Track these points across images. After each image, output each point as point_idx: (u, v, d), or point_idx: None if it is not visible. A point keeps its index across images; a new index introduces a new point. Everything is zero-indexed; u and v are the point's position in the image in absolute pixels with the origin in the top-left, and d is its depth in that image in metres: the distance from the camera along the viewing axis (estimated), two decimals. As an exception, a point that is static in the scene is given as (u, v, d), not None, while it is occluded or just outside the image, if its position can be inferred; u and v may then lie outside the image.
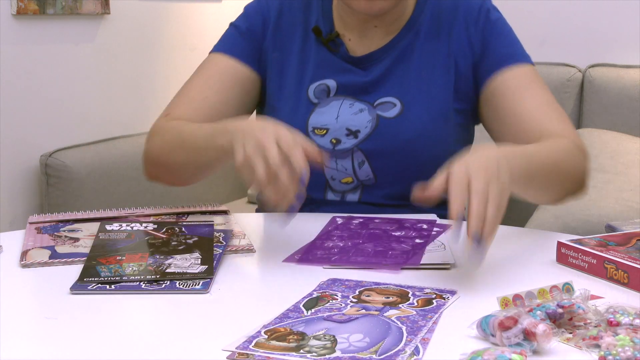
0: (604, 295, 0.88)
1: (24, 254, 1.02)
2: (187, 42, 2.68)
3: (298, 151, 0.96)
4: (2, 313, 0.84)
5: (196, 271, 0.93)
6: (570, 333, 0.77)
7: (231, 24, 1.36)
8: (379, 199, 1.26)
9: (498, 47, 1.27)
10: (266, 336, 0.76)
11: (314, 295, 0.87)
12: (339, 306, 0.84)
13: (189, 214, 1.21)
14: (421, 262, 0.99)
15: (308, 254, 1.03)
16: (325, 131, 1.25)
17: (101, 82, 2.39)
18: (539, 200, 1.31)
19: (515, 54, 1.28)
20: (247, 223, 1.19)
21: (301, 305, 0.84)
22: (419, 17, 1.29)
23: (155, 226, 1.11)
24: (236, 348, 0.73)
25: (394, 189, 1.26)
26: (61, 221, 1.17)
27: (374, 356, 0.71)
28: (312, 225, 1.15)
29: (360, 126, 1.25)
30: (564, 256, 1.00)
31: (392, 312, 0.82)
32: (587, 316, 0.79)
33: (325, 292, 0.89)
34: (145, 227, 1.10)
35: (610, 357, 0.70)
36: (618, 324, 0.76)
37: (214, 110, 1.27)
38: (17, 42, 2.13)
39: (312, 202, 1.24)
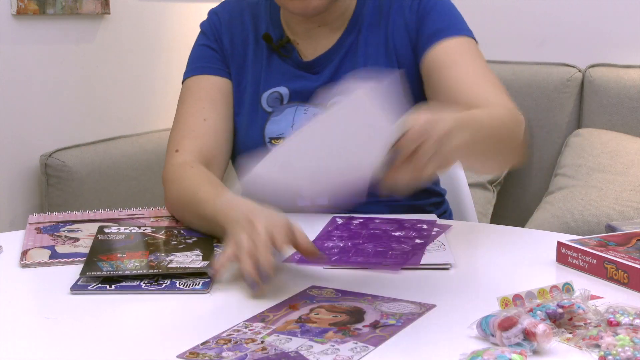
0: (604, 295, 0.87)
1: (23, 253, 1.02)
2: (186, 42, 2.68)
3: (265, 255, 0.89)
4: (2, 313, 0.84)
5: (198, 266, 0.93)
6: (570, 333, 0.77)
7: (196, 45, 1.36)
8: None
9: (432, 22, 1.25)
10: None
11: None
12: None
13: (188, 214, 1.22)
14: (421, 262, 0.98)
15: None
16: (282, 140, 1.24)
17: (101, 82, 2.39)
18: (479, 170, 1.28)
19: (449, 27, 1.25)
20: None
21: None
22: (361, 12, 1.28)
23: (154, 229, 1.11)
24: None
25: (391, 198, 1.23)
26: (61, 221, 1.17)
27: None
28: (311, 226, 1.15)
29: None
30: (564, 256, 1.00)
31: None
32: (587, 316, 0.79)
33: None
34: (144, 230, 1.10)
35: (610, 357, 0.70)
36: (618, 324, 0.76)
37: (218, 130, 1.27)
38: (17, 42, 2.13)
39: (284, 210, 1.20)
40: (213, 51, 1.32)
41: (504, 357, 0.68)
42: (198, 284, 0.91)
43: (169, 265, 0.94)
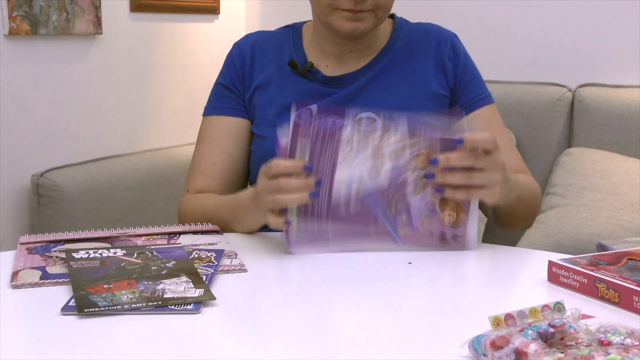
0: (595, 315, 0.88)
1: (14, 274, 1.01)
2: (179, 62, 2.69)
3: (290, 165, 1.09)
4: (-8, 334, 0.83)
5: (195, 295, 0.93)
6: (562, 352, 0.77)
7: (216, 83, 1.47)
8: None
9: (472, 89, 1.42)
10: None
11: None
12: None
13: (180, 233, 1.21)
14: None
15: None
16: None
17: (93, 102, 2.39)
18: (501, 222, 1.37)
19: (484, 97, 1.43)
20: (239, 243, 1.18)
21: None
22: (394, 44, 1.41)
23: (125, 252, 1.09)
24: None
25: None
26: (52, 241, 1.17)
27: None
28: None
29: None
30: (555, 275, 1.00)
31: None
32: (578, 335, 0.79)
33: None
34: (115, 253, 1.08)
35: (601, 376, 0.70)
36: (609, 344, 0.76)
37: (226, 172, 1.42)
38: (9, 62, 2.13)
39: None
40: (228, 90, 1.43)
41: (495, 377, 0.68)
42: (189, 305, 0.90)
43: (165, 296, 0.92)
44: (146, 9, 2.55)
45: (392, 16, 1.45)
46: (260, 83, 1.41)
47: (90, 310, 0.89)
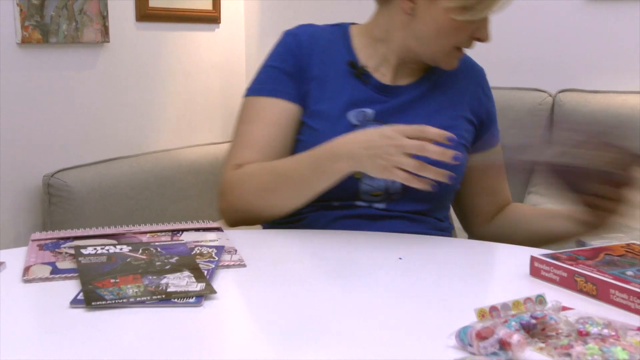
0: (574, 307, 0.88)
1: (26, 269, 1.01)
2: (181, 69, 2.69)
3: (427, 130, 1.10)
4: (5, 327, 0.83)
5: (197, 289, 0.92)
6: (543, 343, 0.77)
7: (269, 66, 1.38)
8: (402, 211, 1.32)
9: (494, 128, 1.45)
10: None
11: None
12: None
13: (183, 230, 1.21)
14: None
15: None
16: None
17: (101, 107, 2.39)
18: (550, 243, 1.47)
19: (499, 135, 1.47)
20: (238, 239, 1.18)
21: None
22: (437, 69, 1.39)
23: (130, 248, 1.09)
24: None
25: (417, 205, 1.32)
26: (62, 238, 1.16)
27: None
28: (303, 241, 1.15)
29: None
30: (537, 270, 1.00)
31: None
32: (558, 326, 0.79)
33: None
34: (121, 250, 1.08)
35: (580, 365, 0.70)
36: (588, 334, 0.76)
37: (276, 155, 1.32)
38: (22, 69, 2.13)
39: (341, 207, 1.31)
40: (287, 75, 1.35)
41: (480, 365, 0.68)
42: (192, 298, 0.90)
43: (169, 290, 0.92)
44: (151, 18, 2.54)
45: None
46: (317, 75, 1.35)
47: (98, 303, 0.88)
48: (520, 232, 1.40)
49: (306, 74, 1.35)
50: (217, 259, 1.05)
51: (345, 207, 1.31)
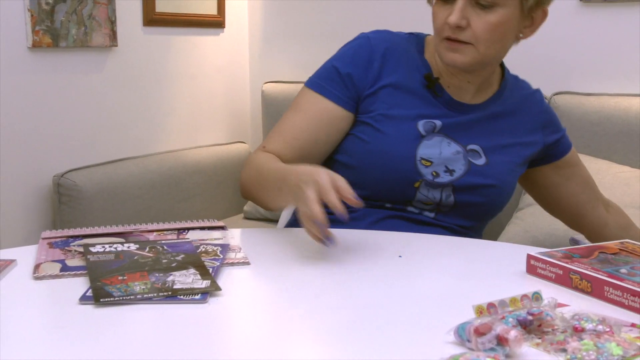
0: (569, 303, 0.87)
1: (36, 267, 1.01)
2: (188, 72, 2.68)
3: (332, 196, 1.02)
4: (16, 322, 0.83)
5: (202, 286, 0.92)
6: (540, 338, 0.76)
7: (332, 64, 1.36)
8: (449, 223, 1.35)
9: (562, 136, 1.46)
10: None
11: None
12: None
13: (189, 229, 1.21)
14: None
15: None
16: (430, 163, 1.31)
17: (109, 109, 2.39)
18: None
19: (570, 141, 1.49)
20: (243, 237, 1.18)
21: None
22: (503, 92, 1.41)
23: (138, 246, 1.08)
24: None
25: (464, 219, 1.35)
26: (71, 236, 1.16)
27: None
28: (305, 239, 1.15)
29: (456, 167, 1.32)
30: (533, 267, 1.00)
31: None
32: (554, 323, 0.78)
33: None
34: (129, 247, 1.07)
35: (576, 360, 0.70)
36: (583, 330, 0.76)
37: (304, 151, 1.33)
38: (32, 73, 2.13)
39: (392, 209, 1.33)
40: (341, 79, 1.34)
41: (479, 361, 0.68)
42: (197, 295, 0.90)
43: (175, 287, 0.92)
44: (157, 23, 2.54)
45: (502, 66, 1.45)
46: (390, 82, 1.33)
47: (106, 299, 0.88)
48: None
49: (376, 80, 1.33)
50: (222, 256, 1.05)
51: (397, 210, 1.33)
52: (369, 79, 1.33)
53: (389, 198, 1.32)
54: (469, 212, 1.35)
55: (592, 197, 1.50)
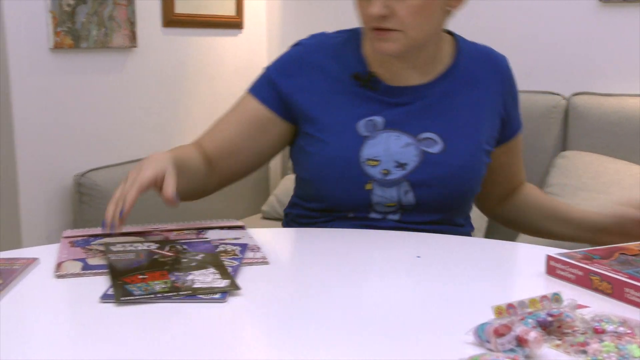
0: (590, 305, 0.87)
1: (58, 265, 1.02)
2: (207, 72, 2.69)
3: (132, 192, 1.12)
4: (39, 319, 0.83)
5: (222, 285, 0.92)
6: (560, 340, 0.76)
7: (266, 68, 1.36)
8: (417, 222, 1.29)
9: (517, 114, 1.42)
10: None
11: None
12: None
13: (208, 229, 1.21)
14: None
15: None
16: (377, 162, 1.25)
17: (129, 109, 2.40)
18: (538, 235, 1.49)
19: (520, 122, 1.43)
20: (262, 237, 1.18)
21: None
22: (456, 67, 1.31)
23: (158, 245, 1.09)
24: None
25: (431, 214, 1.29)
26: (92, 235, 1.17)
27: None
28: (324, 240, 1.15)
29: (408, 160, 1.25)
30: (553, 268, 0.99)
31: None
32: (574, 324, 0.78)
33: None
34: (149, 247, 1.08)
35: (596, 362, 0.70)
36: (603, 332, 0.76)
37: (224, 142, 1.34)
38: (54, 73, 2.14)
39: (355, 219, 1.29)
40: (270, 84, 1.33)
41: (498, 362, 0.68)
42: (217, 294, 0.90)
43: (194, 286, 0.92)
44: (177, 24, 2.55)
45: (452, 33, 1.35)
46: (322, 88, 1.29)
47: (127, 298, 0.89)
48: (526, 224, 1.45)
49: (303, 88, 1.30)
50: (240, 256, 1.05)
51: (359, 219, 1.28)
52: (296, 88, 1.30)
53: (347, 207, 1.27)
54: (435, 207, 1.28)
55: (501, 192, 1.47)
